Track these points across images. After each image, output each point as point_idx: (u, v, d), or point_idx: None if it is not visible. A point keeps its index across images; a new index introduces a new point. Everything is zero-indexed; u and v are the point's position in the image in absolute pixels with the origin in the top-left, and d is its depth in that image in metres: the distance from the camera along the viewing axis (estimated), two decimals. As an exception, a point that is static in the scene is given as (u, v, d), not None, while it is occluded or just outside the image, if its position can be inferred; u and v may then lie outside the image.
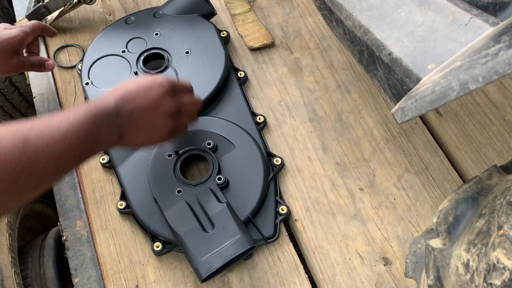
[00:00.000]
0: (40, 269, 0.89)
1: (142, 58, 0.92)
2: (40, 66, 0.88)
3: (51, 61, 0.89)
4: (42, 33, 0.91)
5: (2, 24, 0.86)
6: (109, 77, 0.91)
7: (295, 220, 0.79)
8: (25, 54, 0.89)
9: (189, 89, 0.75)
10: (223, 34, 0.98)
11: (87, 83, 0.90)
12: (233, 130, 0.83)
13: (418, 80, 0.52)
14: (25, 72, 1.00)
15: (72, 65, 0.97)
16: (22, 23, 1.01)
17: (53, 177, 0.57)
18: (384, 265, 0.74)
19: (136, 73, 0.90)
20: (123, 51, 0.93)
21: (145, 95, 0.66)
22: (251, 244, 0.70)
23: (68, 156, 0.56)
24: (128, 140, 0.65)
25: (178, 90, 0.71)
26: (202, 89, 0.87)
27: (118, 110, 0.63)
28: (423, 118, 0.89)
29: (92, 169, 0.85)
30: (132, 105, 0.64)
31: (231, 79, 0.92)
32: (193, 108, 0.76)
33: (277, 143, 0.87)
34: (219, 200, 0.74)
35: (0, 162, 0.49)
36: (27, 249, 0.92)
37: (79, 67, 0.94)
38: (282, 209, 0.78)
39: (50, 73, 0.97)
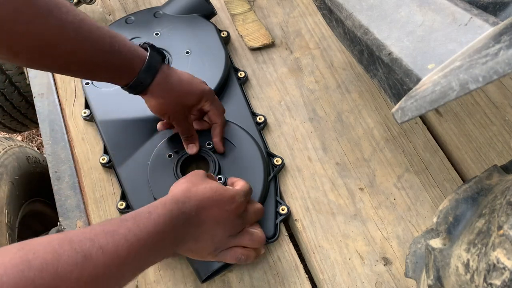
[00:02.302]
0: (40, 269, 0.89)
1: (142, 58, 0.92)
2: (189, 141, 0.79)
3: (195, 149, 0.79)
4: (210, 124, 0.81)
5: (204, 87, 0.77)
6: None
7: (295, 220, 0.79)
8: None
9: (250, 195, 0.70)
10: (223, 34, 0.98)
11: (87, 83, 0.90)
12: (233, 130, 0.83)
13: (418, 80, 0.52)
14: (25, 72, 1.00)
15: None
16: None
17: None
18: (384, 265, 0.74)
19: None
20: (123, 51, 0.93)
21: (215, 211, 0.62)
22: (251, 244, 0.70)
23: (129, 269, 0.52)
24: (184, 248, 0.61)
25: (246, 204, 0.67)
26: (202, 89, 0.87)
27: (187, 219, 0.58)
28: (423, 118, 0.89)
29: (92, 169, 0.85)
30: (201, 215, 0.60)
31: (231, 79, 0.92)
32: (257, 218, 0.70)
33: (277, 143, 0.87)
34: (219, 200, 0.74)
35: (58, 280, 0.43)
36: (27, 249, 0.92)
37: (79, 67, 0.94)
38: (282, 209, 0.78)
39: (50, 73, 0.97)
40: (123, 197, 0.80)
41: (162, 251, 0.56)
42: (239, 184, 0.69)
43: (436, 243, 0.51)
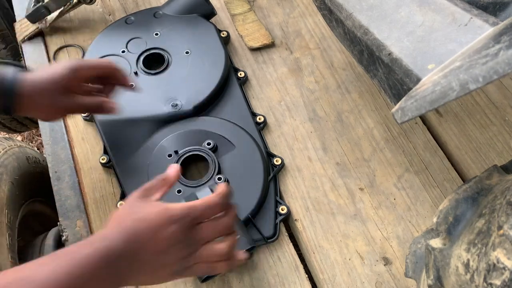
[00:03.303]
0: (40, 269, 0.89)
1: (142, 58, 0.92)
2: (100, 110, 0.74)
3: (115, 105, 0.73)
4: (108, 75, 0.75)
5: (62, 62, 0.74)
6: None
7: (295, 220, 0.79)
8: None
9: (219, 208, 0.59)
10: (223, 34, 0.98)
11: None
12: (233, 130, 0.83)
13: (418, 80, 0.52)
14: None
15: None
16: (22, 23, 1.01)
17: None
18: (384, 265, 0.74)
19: (136, 73, 0.90)
20: (123, 51, 0.93)
21: (153, 238, 0.54)
22: (251, 244, 0.70)
23: None
24: (130, 283, 0.54)
25: (201, 218, 0.57)
26: (202, 89, 0.87)
27: (123, 253, 0.52)
28: (423, 118, 0.89)
29: (92, 169, 0.85)
30: (138, 247, 0.53)
31: (231, 79, 0.92)
32: (228, 247, 0.59)
33: (277, 143, 0.87)
34: (219, 200, 0.74)
35: None
36: (27, 249, 0.92)
37: (79, 67, 0.94)
38: (282, 209, 0.78)
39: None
40: (123, 197, 0.80)
41: None
42: (210, 197, 0.59)
43: (436, 243, 0.51)
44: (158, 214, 0.55)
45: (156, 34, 0.95)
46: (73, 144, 0.87)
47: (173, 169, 0.62)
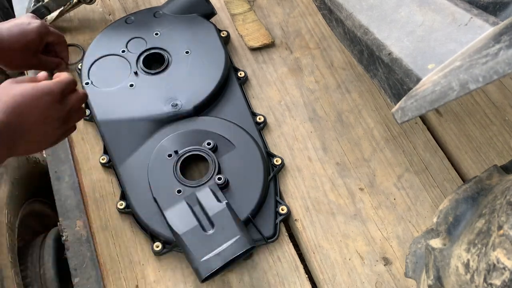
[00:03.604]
0: (40, 269, 0.89)
1: (142, 58, 0.92)
2: (56, 69, 0.87)
3: (66, 74, 0.79)
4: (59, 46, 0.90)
5: (28, 15, 0.84)
6: (109, 77, 0.91)
7: (295, 220, 0.79)
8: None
9: (73, 85, 0.71)
10: (223, 34, 0.98)
11: (87, 83, 0.90)
12: (233, 130, 0.83)
13: (418, 80, 0.52)
14: (25, 73, 1.00)
15: (72, 63, 0.97)
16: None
17: None
18: (384, 265, 0.74)
19: (136, 73, 0.90)
20: (123, 51, 0.93)
21: (34, 106, 0.63)
22: (251, 244, 0.70)
23: None
24: (19, 151, 0.65)
25: (66, 93, 0.68)
26: (202, 89, 0.87)
27: (7, 125, 0.60)
28: (423, 118, 0.89)
29: (92, 169, 0.85)
30: (22, 118, 0.62)
31: (231, 79, 0.92)
32: (81, 107, 0.73)
33: (277, 143, 0.87)
34: (219, 200, 0.74)
35: None
36: (27, 249, 0.91)
37: (79, 67, 0.94)
38: (282, 209, 0.78)
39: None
40: (123, 196, 0.80)
41: None
42: (61, 76, 0.70)
43: (436, 243, 0.51)
44: (34, 88, 0.64)
45: (156, 34, 0.95)
46: (73, 144, 0.87)
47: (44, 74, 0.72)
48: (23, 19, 0.83)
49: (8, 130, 0.60)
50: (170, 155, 0.80)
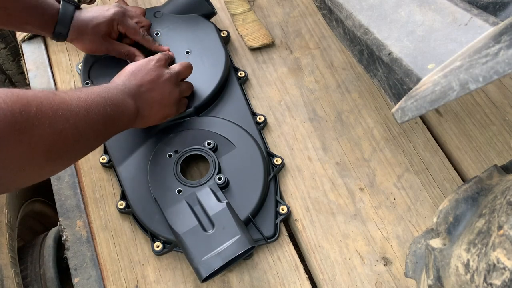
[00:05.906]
0: (40, 269, 0.89)
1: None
2: (128, 58, 0.90)
3: (140, 58, 0.89)
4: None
5: (117, 4, 0.89)
6: (109, 77, 0.90)
7: (295, 220, 0.79)
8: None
9: (189, 72, 0.84)
10: (223, 34, 0.98)
11: (87, 83, 0.90)
12: (233, 130, 0.83)
13: (418, 80, 0.52)
14: (25, 72, 1.00)
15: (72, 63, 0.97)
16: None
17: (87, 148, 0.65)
18: (384, 265, 0.74)
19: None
20: (123, 51, 0.93)
21: (146, 70, 0.75)
22: (251, 244, 0.70)
23: (98, 129, 0.63)
24: (145, 114, 0.73)
25: (181, 78, 0.82)
26: (202, 89, 0.87)
27: (126, 86, 0.71)
28: (423, 118, 0.89)
29: (92, 169, 0.85)
30: (137, 80, 0.73)
31: (231, 79, 0.92)
32: (188, 72, 0.84)
33: (277, 143, 0.87)
34: (219, 200, 0.74)
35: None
36: (27, 249, 0.92)
37: (79, 67, 0.94)
38: (282, 209, 0.78)
39: (50, 72, 0.97)
40: (123, 196, 0.80)
41: (118, 109, 0.67)
42: (182, 63, 0.83)
43: (436, 243, 0.51)
44: (143, 59, 0.79)
45: (157, 34, 0.95)
46: (73, 144, 0.87)
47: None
48: (108, 5, 0.89)
49: (129, 91, 0.71)
50: (170, 155, 0.80)
